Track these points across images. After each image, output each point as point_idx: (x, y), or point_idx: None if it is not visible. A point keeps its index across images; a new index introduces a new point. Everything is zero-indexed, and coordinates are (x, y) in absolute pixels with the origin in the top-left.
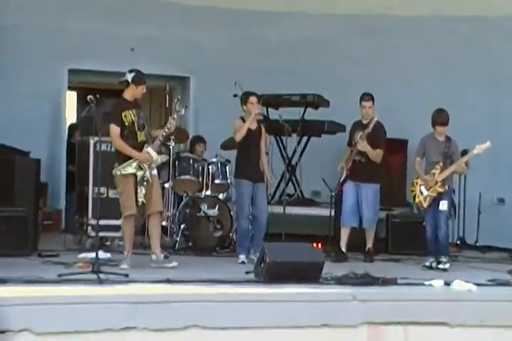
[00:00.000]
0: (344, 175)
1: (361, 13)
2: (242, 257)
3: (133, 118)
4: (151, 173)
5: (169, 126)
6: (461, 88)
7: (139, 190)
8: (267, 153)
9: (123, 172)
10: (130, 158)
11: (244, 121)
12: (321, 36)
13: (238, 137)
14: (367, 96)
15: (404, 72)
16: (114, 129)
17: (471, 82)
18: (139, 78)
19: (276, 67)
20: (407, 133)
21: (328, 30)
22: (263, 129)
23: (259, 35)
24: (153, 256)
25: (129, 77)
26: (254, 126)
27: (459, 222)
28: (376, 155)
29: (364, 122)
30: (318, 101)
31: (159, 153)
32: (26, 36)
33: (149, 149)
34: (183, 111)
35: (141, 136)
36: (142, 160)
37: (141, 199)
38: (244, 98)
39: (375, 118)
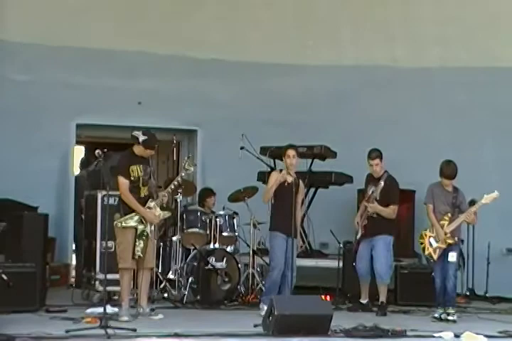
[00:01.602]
0: (360, 233)
1: (367, 65)
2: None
3: (139, 173)
4: (150, 229)
5: (176, 183)
6: (469, 139)
7: (137, 244)
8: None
9: (124, 224)
10: (133, 210)
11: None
12: (328, 88)
13: (265, 199)
14: (373, 154)
15: (411, 123)
16: (123, 182)
17: (478, 132)
18: (150, 143)
19: (282, 118)
20: (414, 183)
21: (334, 82)
22: (301, 184)
23: (265, 88)
24: (140, 309)
25: (141, 138)
26: (291, 179)
27: (468, 272)
28: (390, 213)
29: (376, 176)
30: (325, 153)
31: (163, 209)
32: (34, 92)
33: (152, 204)
34: (192, 170)
35: (143, 191)
36: (144, 215)
37: (138, 253)
38: (283, 151)
39: (386, 174)
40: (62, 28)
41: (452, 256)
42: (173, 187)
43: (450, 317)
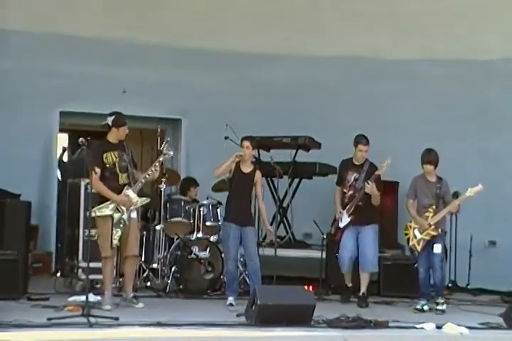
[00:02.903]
0: (347, 221)
1: (351, 55)
2: (231, 299)
3: (114, 159)
4: (129, 216)
5: (153, 168)
6: (452, 131)
7: (114, 232)
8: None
9: (98, 213)
10: (108, 199)
11: (239, 163)
12: (312, 78)
13: (216, 173)
14: (365, 140)
15: (395, 115)
16: (94, 170)
17: (462, 124)
18: (119, 120)
19: (267, 109)
20: (397, 175)
21: (318, 73)
22: (258, 174)
23: (250, 77)
24: (124, 295)
25: (109, 120)
26: (248, 170)
27: (450, 264)
28: (378, 199)
29: (356, 163)
30: (309, 144)
31: (141, 195)
32: (17, 79)
33: (129, 191)
34: (171, 153)
35: (122, 178)
36: (119, 202)
37: (115, 241)
38: (240, 142)
39: (368, 161)
40: (47, 15)
41: (437, 248)
42: (150, 172)
43: (439, 307)
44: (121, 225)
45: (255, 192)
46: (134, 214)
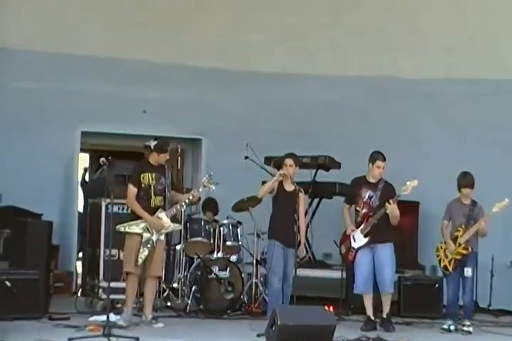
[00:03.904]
0: (363, 241)
1: (371, 75)
2: None
3: (150, 181)
4: (158, 238)
5: (191, 197)
6: (473, 151)
7: (141, 250)
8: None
9: (126, 229)
10: (139, 218)
11: (281, 181)
12: (332, 98)
13: (260, 193)
14: (381, 156)
15: (416, 135)
16: (131, 189)
17: (483, 145)
18: (161, 147)
19: (287, 128)
20: (418, 195)
21: (340, 93)
22: (302, 194)
23: (270, 97)
24: (143, 317)
25: (152, 144)
26: (290, 188)
27: (473, 285)
28: (398, 218)
29: (371, 181)
30: (329, 163)
31: (173, 220)
32: (39, 99)
33: (162, 214)
34: (212, 188)
35: (155, 201)
36: (150, 223)
37: (140, 260)
38: (282, 160)
39: (382, 179)
40: (67, 35)
41: (468, 271)
42: (187, 201)
43: (465, 328)
44: (149, 246)
45: (297, 211)
46: (162, 237)
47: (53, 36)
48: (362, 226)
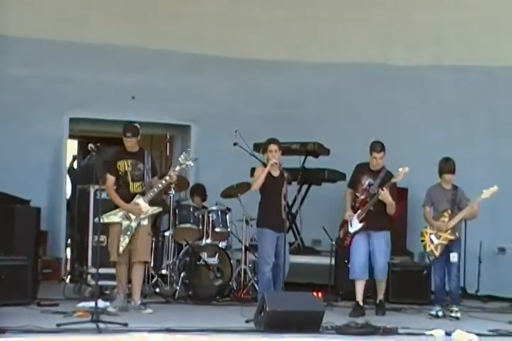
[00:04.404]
0: (358, 227)
1: (360, 63)
2: None
3: (126, 168)
4: (139, 223)
5: (167, 178)
6: (462, 138)
7: (121, 239)
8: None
9: (106, 220)
10: (118, 206)
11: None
12: (322, 85)
13: (255, 186)
14: (378, 147)
15: (405, 121)
16: (108, 178)
17: (472, 132)
18: (123, 131)
19: (276, 115)
20: (407, 182)
21: (328, 79)
22: (286, 177)
23: (259, 84)
24: (132, 303)
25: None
26: (276, 174)
27: (459, 271)
28: (393, 206)
29: (373, 169)
30: (318, 150)
31: (154, 204)
32: (28, 86)
33: (139, 200)
34: (189, 163)
35: (134, 187)
36: (127, 210)
37: (121, 248)
38: (265, 146)
39: (384, 168)
40: (58, 22)
41: (454, 257)
42: (163, 182)
43: (453, 314)
44: (129, 232)
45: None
46: (144, 222)
47: (43, 23)
48: (358, 211)
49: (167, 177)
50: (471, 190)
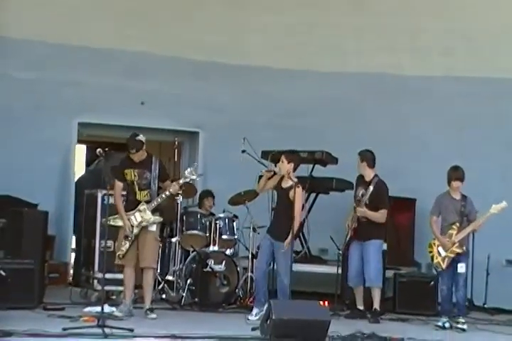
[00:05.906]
0: (349, 236)
1: (371, 72)
2: (255, 311)
3: (132, 177)
4: (146, 229)
5: (171, 190)
6: (473, 149)
7: (122, 243)
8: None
9: (112, 223)
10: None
11: (282, 178)
12: (331, 94)
13: (257, 189)
14: (359, 156)
15: (414, 132)
16: (116, 184)
17: (482, 143)
18: (127, 146)
19: (285, 123)
20: (415, 192)
21: (338, 88)
22: (298, 188)
23: (268, 92)
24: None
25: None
26: (286, 185)
27: (467, 283)
28: (379, 217)
29: (366, 179)
30: (326, 159)
31: (158, 211)
32: (37, 90)
33: (143, 208)
34: (194, 178)
35: (141, 195)
36: (122, 222)
37: (121, 252)
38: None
39: (376, 178)
40: (67, 26)
41: (461, 267)
42: (167, 193)
43: (460, 325)
44: (129, 238)
45: (292, 207)
46: (152, 228)
47: (53, 26)
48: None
49: (171, 190)
50: (483, 202)
